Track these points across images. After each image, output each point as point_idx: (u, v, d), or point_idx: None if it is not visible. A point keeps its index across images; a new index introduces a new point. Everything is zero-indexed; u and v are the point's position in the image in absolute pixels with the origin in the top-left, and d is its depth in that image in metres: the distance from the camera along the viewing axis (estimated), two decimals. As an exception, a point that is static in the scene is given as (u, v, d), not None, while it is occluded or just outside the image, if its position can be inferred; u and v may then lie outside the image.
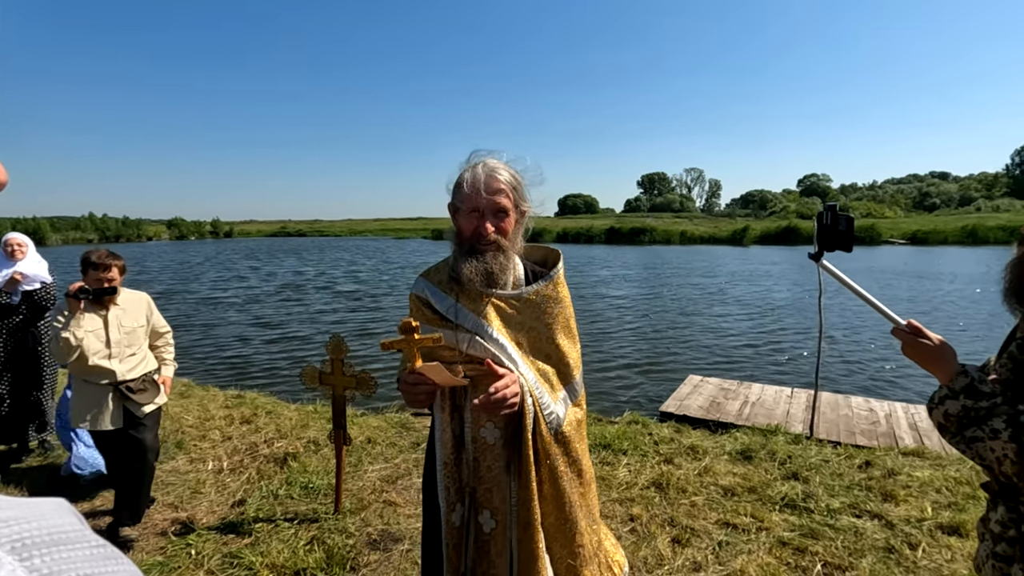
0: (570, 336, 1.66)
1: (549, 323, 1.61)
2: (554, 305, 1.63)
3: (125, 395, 3.03)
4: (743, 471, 3.94)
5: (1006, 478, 1.07)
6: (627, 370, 9.49)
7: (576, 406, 1.64)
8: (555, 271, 1.66)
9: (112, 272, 3.05)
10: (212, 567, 2.78)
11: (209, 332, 13.01)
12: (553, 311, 1.62)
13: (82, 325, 2.90)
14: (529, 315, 1.60)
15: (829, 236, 1.42)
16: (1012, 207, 69.03)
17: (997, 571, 1.16)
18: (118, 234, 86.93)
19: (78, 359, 2.92)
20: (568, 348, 1.64)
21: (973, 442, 1.09)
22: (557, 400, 1.57)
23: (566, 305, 1.67)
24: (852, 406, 6.03)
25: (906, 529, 3.10)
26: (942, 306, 15.85)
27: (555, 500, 1.56)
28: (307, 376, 3.32)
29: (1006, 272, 1.20)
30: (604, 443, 4.38)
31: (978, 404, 1.10)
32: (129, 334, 3.09)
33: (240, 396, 6.00)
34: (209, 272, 29.43)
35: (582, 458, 1.62)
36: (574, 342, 1.68)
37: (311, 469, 3.92)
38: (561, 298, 1.65)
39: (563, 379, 1.62)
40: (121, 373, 3.03)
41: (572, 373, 1.64)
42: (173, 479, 3.83)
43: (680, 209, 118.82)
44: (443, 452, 1.57)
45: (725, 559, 2.83)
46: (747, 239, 56.07)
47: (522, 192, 1.59)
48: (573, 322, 1.69)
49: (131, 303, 3.17)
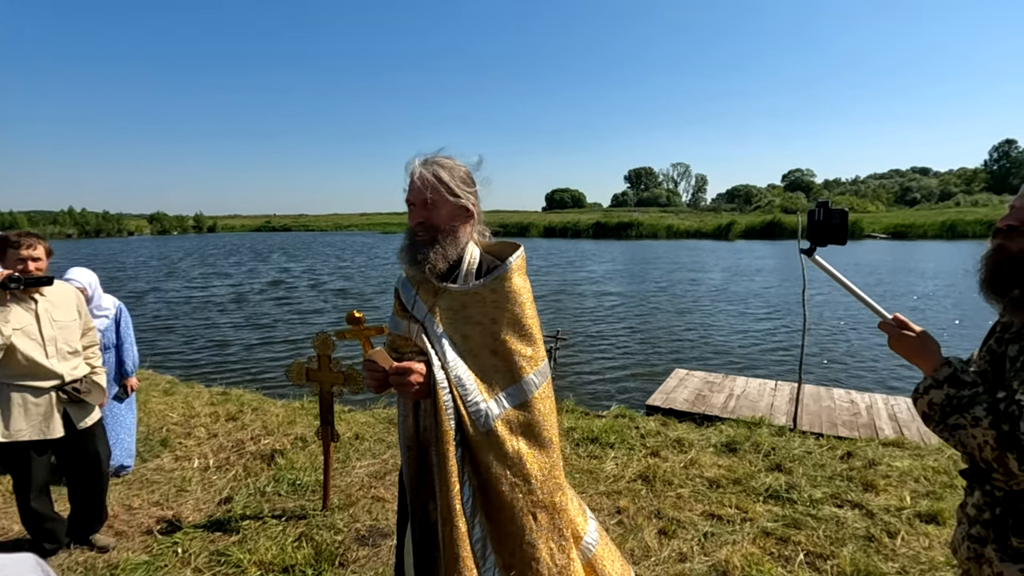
0: (520, 332, 1.60)
1: (496, 318, 1.59)
2: (502, 300, 1.59)
3: (70, 399, 2.70)
4: (728, 463, 4.00)
5: (986, 464, 1.10)
6: (613, 364, 9.55)
7: (524, 406, 1.57)
8: (504, 267, 1.62)
9: (39, 250, 2.66)
10: (199, 565, 2.76)
11: (193, 329, 12.86)
12: (501, 306, 1.59)
13: (10, 320, 2.50)
14: (477, 310, 1.59)
15: (823, 231, 1.46)
16: (990, 202, 70.34)
17: (972, 551, 1.20)
18: (98, 228, 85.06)
19: (7, 359, 2.52)
20: (517, 345, 1.59)
21: (956, 430, 1.12)
22: (492, 398, 1.54)
23: (517, 302, 1.61)
24: (834, 398, 6.14)
25: (886, 518, 3.18)
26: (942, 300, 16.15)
27: (492, 500, 1.53)
28: (294, 373, 3.31)
29: (981, 265, 1.24)
30: (591, 437, 4.42)
31: (960, 393, 1.14)
32: (63, 330, 2.69)
33: (225, 393, 5.95)
34: (192, 268, 29.05)
35: (528, 462, 1.53)
36: (527, 340, 1.61)
37: (298, 466, 3.91)
38: (510, 292, 1.60)
39: (508, 377, 1.57)
40: (65, 373, 2.67)
41: (519, 372, 1.57)
42: (158, 477, 3.79)
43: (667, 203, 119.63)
44: (405, 438, 1.64)
45: (710, 550, 2.88)
46: (732, 233, 56.53)
47: (455, 185, 1.61)
48: (529, 320, 1.62)
49: (58, 295, 2.74)
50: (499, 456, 1.51)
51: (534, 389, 1.59)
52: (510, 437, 1.53)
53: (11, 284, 2.47)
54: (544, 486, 1.56)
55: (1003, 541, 1.13)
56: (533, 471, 1.54)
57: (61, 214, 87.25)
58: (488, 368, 1.57)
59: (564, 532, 1.60)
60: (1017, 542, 1.11)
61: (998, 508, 1.15)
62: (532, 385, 1.59)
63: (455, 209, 1.63)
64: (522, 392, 1.58)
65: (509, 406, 1.56)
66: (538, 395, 1.60)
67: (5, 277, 2.48)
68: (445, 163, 1.63)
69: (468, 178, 1.67)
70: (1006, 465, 1.06)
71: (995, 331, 1.26)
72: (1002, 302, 1.19)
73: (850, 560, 2.75)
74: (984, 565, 1.17)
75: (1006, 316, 1.21)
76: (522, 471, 1.52)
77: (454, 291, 1.62)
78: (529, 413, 1.57)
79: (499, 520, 1.53)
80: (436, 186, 1.59)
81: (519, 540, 1.52)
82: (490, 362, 1.57)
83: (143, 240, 70.68)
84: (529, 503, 1.53)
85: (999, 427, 1.06)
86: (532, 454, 1.55)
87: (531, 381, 1.59)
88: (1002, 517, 1.14)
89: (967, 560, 1.22)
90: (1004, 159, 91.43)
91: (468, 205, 1.64)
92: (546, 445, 1.59)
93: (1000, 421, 1.06)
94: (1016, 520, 1.12)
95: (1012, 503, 1.13)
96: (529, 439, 1.56)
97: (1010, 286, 1.16)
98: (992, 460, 1.08)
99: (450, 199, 1.61)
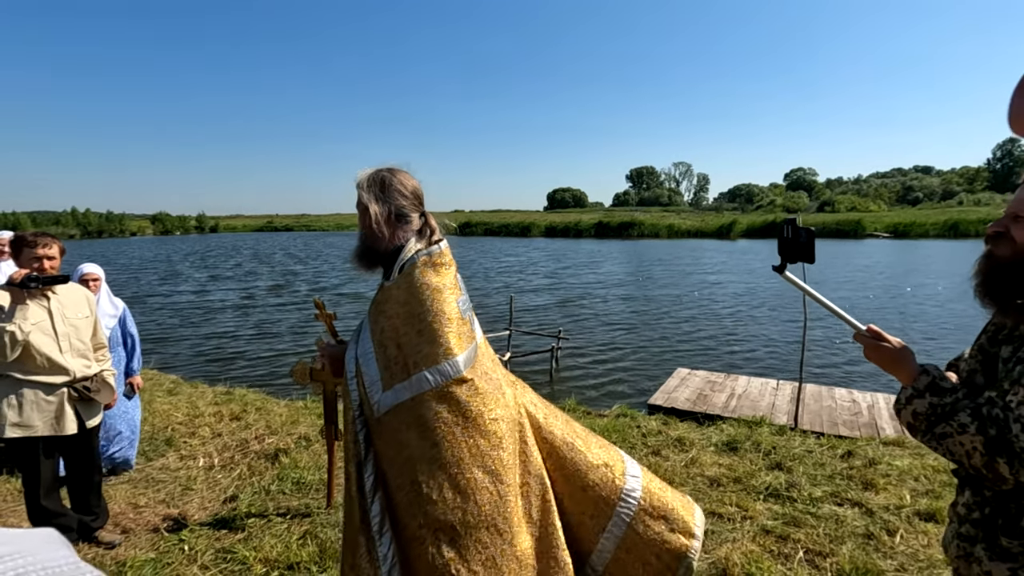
0: (419, 329, 1.64)
1: (399, 312, 1.68)
2: (406, 296, 1.68)
3: (80, 397, 2.75)
4: (729, 462, 4.03)
5: (975, 471, 1.10)
6: (615, 364, 9.57)
7: (413, 401, 1.60)
8: (408, 262, 1.71)
9: (54, 249, 2.72)
10: (205, 562, 2.80)
11: (197, 330, 12.91)
12: (403, 301, 1.68)
13: (27, 317, 2.57)
14: (390, 304, 1.70)
15: (790, 248, 1.46)
16: (992, 201, 70.17)
17: (961, 550, 1.22)
18: (100, 229, 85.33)
19: (23, 356, 2.59)
20: (414, 340, 1.63)
21: (943, 438, 1.13)
22: (392, 387, 1.62)
23: (418, 299, 1.66)
24: (835, 398, 6.16)
25: (885, 516, 3.20)
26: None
27: (385, 483, 1.63)
28: (298, 373, 3.34)
29: (975, 268, 1.26)
30: (593, 436, 4.45)
31: (943, 400, 1.15)
32: (75, 327, 2.77)
33: (229, 393, 5.99)
34: (194, 269, 29.11)
35: (414, 451, 1.58)
36: (424, 335, 1.63)
37: (302, 465, 3.94)
38: (413, 288, 1.67)
39: (403, 372, 1.63)
40: (77, 370, 2.73)
41: (412, 367, 1.62)
42: (164, 476, 3.83)
43: (668, 203, 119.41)
44: None
45: (710, 547, 2.91)
46: (734, 233, 56.53)
47: (373, 192, 1.76)
48: (430, 316, 1.64)
49: (70, 294, 2.82)
50: (388, 442, 1.62)
51: (427, 387, 1.61)
52: (399, 427, 1.61)
53: (31, 284, 2.53)
54: (432, 479, 1.57)
55: (992, 540, 1.15)
56: (421, 461, 1.58)
57: (64, 215, 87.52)
58: (391, 360, 1.65)
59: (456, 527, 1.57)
60: (1006, 541, 1.12)
61: (988, 508, 1.17)
62: (425, 382, 1.61)
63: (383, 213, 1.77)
64: (413, 387, 1.61)
65: (402, 398, 1.62)
66: (431, 394, 1.60)
67: (24, 276, 2.54)
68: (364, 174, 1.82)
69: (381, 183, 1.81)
70: (996, 470, 1.06)
71: (987, 331, 1.27)
72: (995, 306, 1.20)
73: (849, 558, 2.77)
74: (973, 563, 1.18)
75: (997, 318, 1.23)
76: (410, 459, 1.60)
77: (381, 286, 1.78)
78: (421, 408, 1.60)
79: (392, 507, 1.61)
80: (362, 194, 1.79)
81: (405, 524, 1.59)
82: (394, 354, 1.65)
83: (145, 241, 70.84)
84: (418, 505, 1.56)
85: (986, 432, 1.06)
86: (421, 446, 1.59)
87: (423, 378, 1.61)
88: (991, 517, 1.15)
89: (956, 559, 1.23)
90: (1007, 158, 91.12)
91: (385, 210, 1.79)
92: (437, 442, 1.59)
93: (987, 426, 1.06)
94: (1006, 520, 1.13)
95: (1001, 503, 1.14)
96: (420, 431, 1.60)
97: (1005, 291, 1.16)
98: (981, 467, 1.07)
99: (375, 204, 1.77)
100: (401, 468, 1.60)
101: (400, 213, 1.77)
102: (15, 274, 2.56)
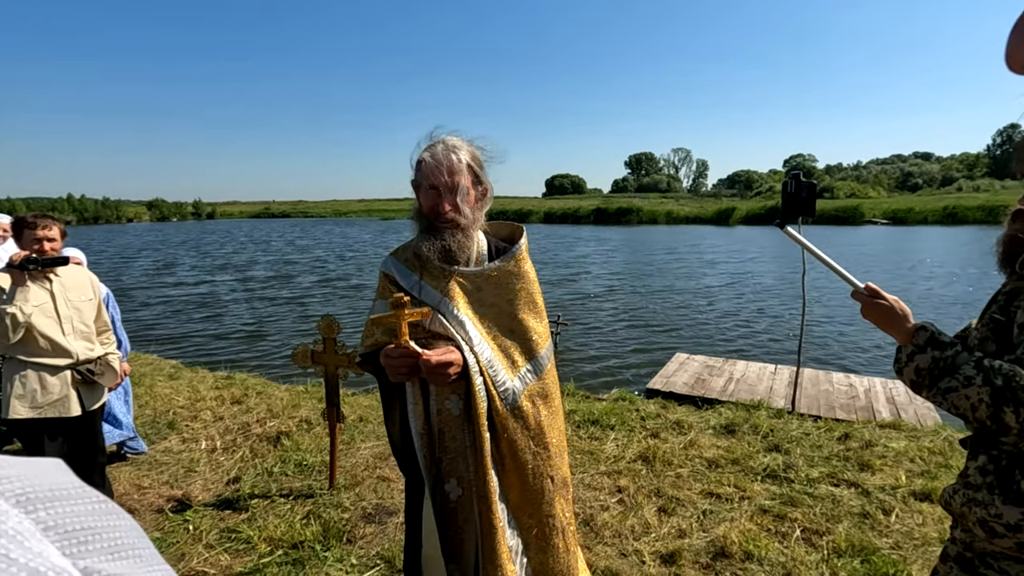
0: (534, 311, 1.67)
1: (511, 299, 1.64)
2: (516, 280, 1.65)
3: (84, 379, 2.75)
4: (727, 444, 4.07)
5: (980, 423, 1.10)
6: (614, 348, 9.61)
7: (541, 379, 1.65)
8: (516, 247, 1.67)
9: (54, 231, 2.73)
10: (211, 541, 2.83)
11: (196, 314, 12.91)
12: (515, 286, 1.65)
13: (29, 299, 2.56)
14: (491, 291, 1.63)
15: (793, 204, 1.47)
16: (991, 187, 70.01)
17: (966, 497, 1.19)
18: (96, 215, 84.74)
19: (26, 338, 2.59)
20: (531, 323, 1.65)
21: (948, 392, 1.12)
22: (516, 376, 1.60)
23: (529, 280, 1.67)
24: (833, 381, 6.20)
25: (881, 496, 3.25)
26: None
27: (517, 472, 1.60)
28: (299, 356, 3.35)
29: (997, 246, 1.26)
30: (592, 419, 4.49)
31: (945, 354, 1.15)
32: (78, 309, 2.77)
33: (230, 377, 6.01)
34: (192, 255, 29.04)
35: (548, 431, 1.63)
36: (539, 316, 1.69)
37: (304, 447, 3.97)
38: (523, 273, 1.67)
39: (527, 354, 1.64)
40: (80, 352, 2.73)
41: (535, 348, 1.65)
42: (167, 458, 3.86)
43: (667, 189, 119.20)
44: (417, 423, 1.61)
45: (709, 526, 2.95)
46: (733, 219, 56.40)
47: (478, 170, 1.62)
48: (538, 297, 1.70)
49: (73, 277, 2.81)
50: (524, 429, 1.60)
51: (547, 363, 1.68)
52: (532, 411, 1.62)
53: (30, 265, 2.53)
54: (557, 449, 1.67)
55: (1008, 487, 1.12)
56: (552, 439, 1.65)
57: (60, 201, 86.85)
58: (507, 347, 1.62)
59: (568, 483, 1.74)
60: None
61: (1004, 461, 1.14)
62: (545, 359, 1.68)
63: (480, 195, 1.65)
64: (539, 366, 1.66)
65: (530, 381, 1.63)
66: (550, 367, 1.69)
67: (24, 258, 2.53)
68: (464, 146, 1.60)
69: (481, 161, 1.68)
70: (1001, 420, 1.05)
71: (997, 300, 1.27)
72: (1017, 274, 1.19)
73: (845, 536, 2.82)
74: (978, 507, 1.16)
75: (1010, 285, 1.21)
76: (543, 440, 1.63)
77: (467, 273, 1.62)
78: (544, 385, 1.66)
79: (523, 488, 1.62)
80: (463, 171, 1.56)
81: (539, 501, 1.64)
82: (508, 341, 1.63)
83: (142, 227, 70.51)
84: (548, 467, 1.64)
85: (992, 383, 1.06)
86: (550, 423, 1.65)
87: (544, 356, 1.68)
88: (1008, 468, 1.13)
89: (962, 506, 1.20)
90: (1007, 144, 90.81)
91: (489, 188, 1.67)
92: (557, 412, 1.69)
93: (991, 376, 1.06)
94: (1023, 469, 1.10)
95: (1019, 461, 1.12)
96: (547, 409, 1.66)
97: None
98: (986, 418, 1.07)
99: (481, 184, 1.64)
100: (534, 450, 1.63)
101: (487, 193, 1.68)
102: (15, 256, 2.56)
